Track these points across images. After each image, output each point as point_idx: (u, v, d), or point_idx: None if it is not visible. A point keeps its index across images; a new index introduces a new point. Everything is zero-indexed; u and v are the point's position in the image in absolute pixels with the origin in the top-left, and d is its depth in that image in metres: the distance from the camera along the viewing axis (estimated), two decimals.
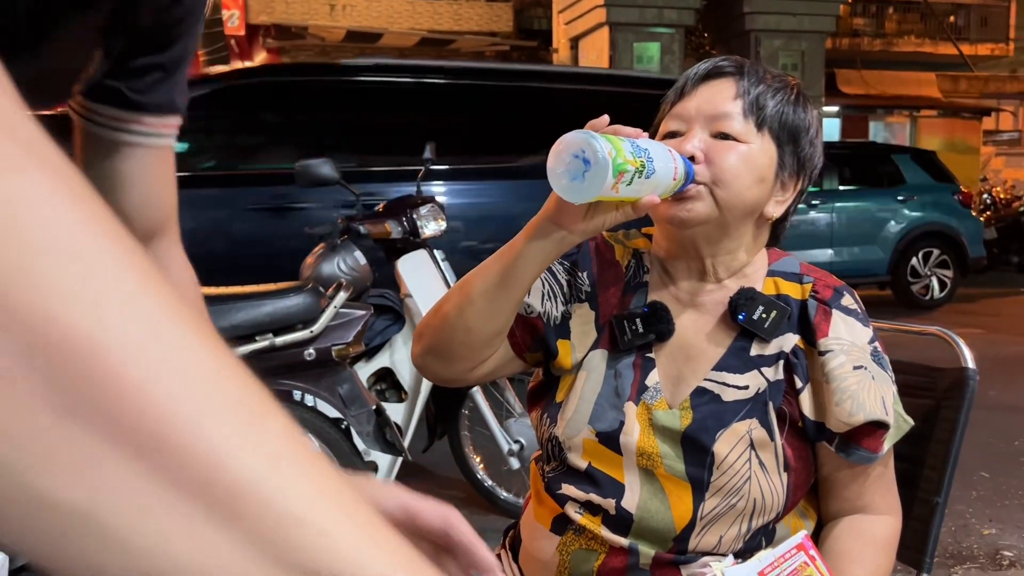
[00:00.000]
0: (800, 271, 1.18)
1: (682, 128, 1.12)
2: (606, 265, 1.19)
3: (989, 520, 3.30)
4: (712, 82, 1.12)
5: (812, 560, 1.00)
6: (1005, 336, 7.23)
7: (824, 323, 1.12)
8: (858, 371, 1.10)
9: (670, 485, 1.10)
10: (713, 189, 1.08)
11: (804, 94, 1.17)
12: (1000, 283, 10.79)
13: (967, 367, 1.29)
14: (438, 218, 3.42)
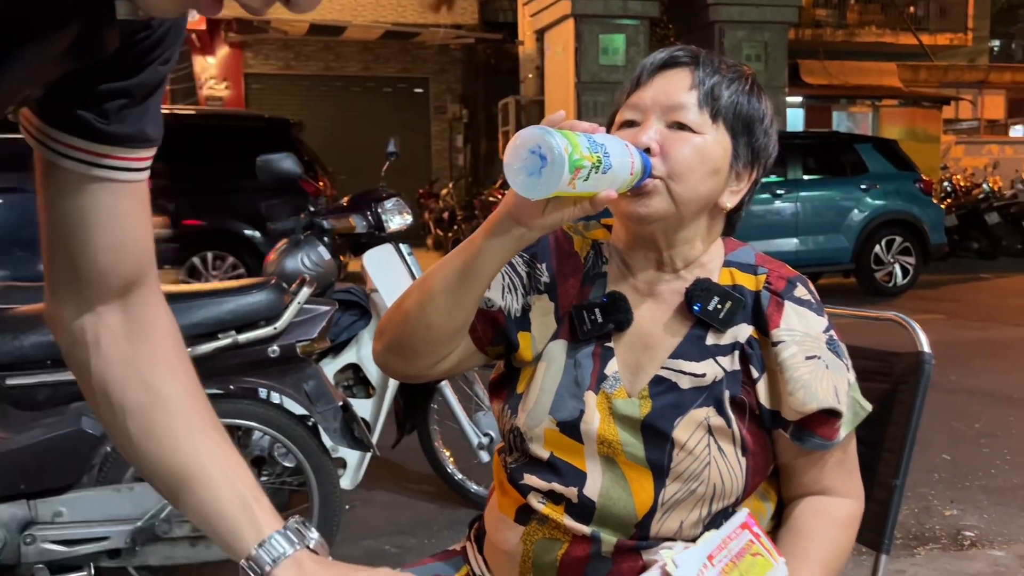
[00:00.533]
0: (755, 262, 1.19)
1: (637, 118, 1.12)
2: (565, 256, 1.20)
3: (951, 501, 3.36)
4: (668, 72, 1.13)
5: (757, 537, 1.01)
6: (965, 321, 7.37)
7: (776, 314, 1.13)
8: (811, 360, 1.12)
9: (631, 472, 1.11)
10: (669, 184, 1.09)
11: (758, 84, 1.18)
12: (960, 269, 10.98)
13: (923, 351, 1.30)
14: (403, 212, 3.40)
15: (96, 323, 0.84)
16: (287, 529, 0.84)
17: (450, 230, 12.90)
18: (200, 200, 7.59)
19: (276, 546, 0.83)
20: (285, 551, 0.83)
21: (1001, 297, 9.06)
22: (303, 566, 0.82)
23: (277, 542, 0.83)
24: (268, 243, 7.38)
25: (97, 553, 2.32)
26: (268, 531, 0.83)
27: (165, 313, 0.89)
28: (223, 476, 0.85)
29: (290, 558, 0.82)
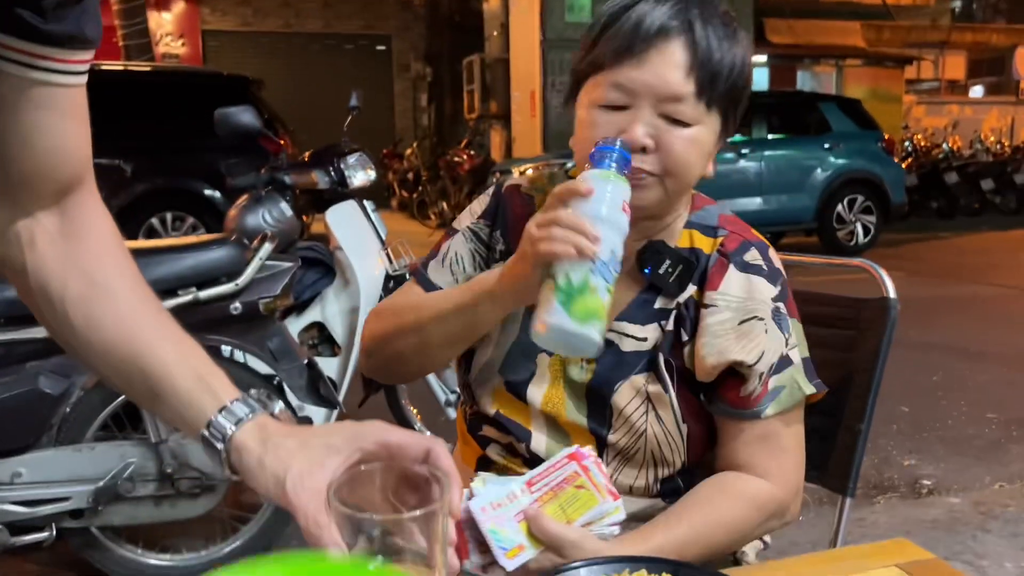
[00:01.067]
0: (717, 223, 1.13)
1: (626, 102, 1.02)
2: (519, 221, 1.14)
3: (909, 452, 3.44)
4: (661, 45, 1.00)
5: (585, 471, 0.96)
6: (925, 278, 7.50)
7: (717, 276, 1.09)
8: (745, 324, 1.07)
9: (574, 433, 1.11)
10: (664, 179, 1.03)
11: (743, 33, 1.07)
12: (920, 228, 11.16)
13: (888, 296, 1.31)
14: (367, 167, 3.34)
15: (32, 225, 0.83)
16: (248, 397, 0.81)
17: (415, 191, 12.78)
18: (158, 159, 7.42)
19: (237, 410, 0.79)
20: (247, 414, 0.79)
21: (958, 255, 9.23)
22: (266, 428, 0.78)
23: (238, 407, 0.79)
24: (228, 203, 7.23)
25: (59, 514, 2.29)
26: (227, 399, 0.80)
27: (103, 215, 0.87)
28: (176, 355, 0.82)
29: (252, 421, 0.79)
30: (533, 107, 12.65)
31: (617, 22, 1.03)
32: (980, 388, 4.39)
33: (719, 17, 1.04)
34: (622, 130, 1.01)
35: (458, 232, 1.21)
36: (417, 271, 1.22)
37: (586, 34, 1.08)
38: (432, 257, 1.22)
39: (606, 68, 1.03)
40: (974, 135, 13.58)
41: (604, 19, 1.05)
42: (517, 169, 8.94)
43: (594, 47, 1.05)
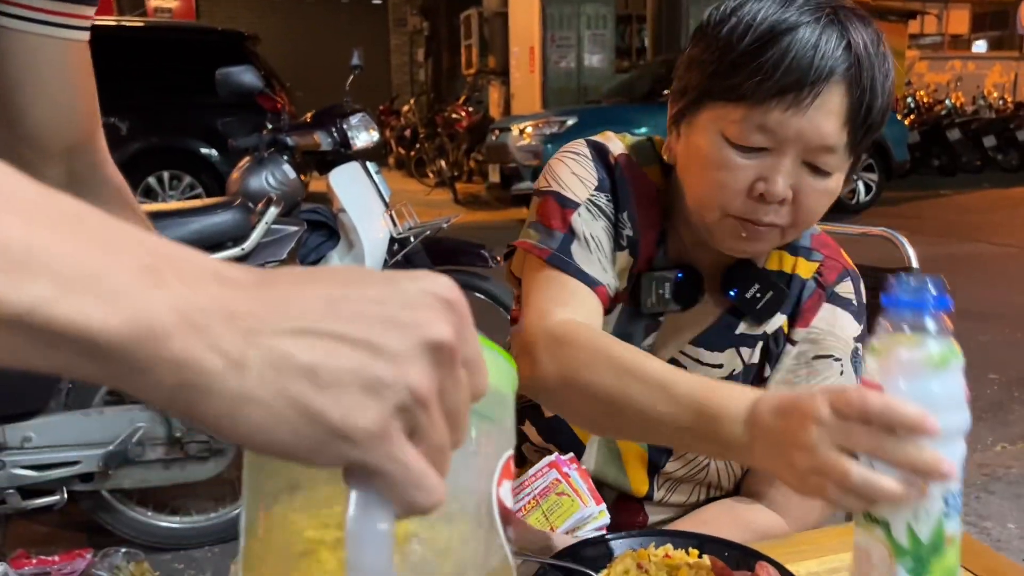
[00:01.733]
0: (811, 244, 1.04)
1: (769, 145, 0.88)
2: (646, 202, 1.02)
3: None
4: (824, 93, 0.86)
5: (566, 477, 0.94)
6: (928, 237, 7.48)
7: (811, 312, 1.02)
8: (817, 361, 1.00)
9: (629, 456, 1.06)
10: (786, 229, 0.93)
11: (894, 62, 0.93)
12: (922, 186, 11.11)
13: (912, 267, 1.30)
14: (369, 128, 3.30)
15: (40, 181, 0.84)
16: None
17: (412, 149, 12.67)
18: (153, 117, 7.33)
19: None
20: None
21: (960, 213, 9.20)
22: None
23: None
24: (226, 162, 7.20)
25: (69, 477, 2.30)
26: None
27: (113, 173, 0.87)
28: None
29: None
30: (532, 62, 12.49)
31: (770, 49, 0.86)
32: (982, 348, 4.40)
33: (875, 41, 0.89)
34: (762, 177, 0.88)
35: (579, 205, 1.00)
36: (559, 260, 0.97)
37: (708, 42, 0.91)
38: (564, 239, 0.98)
39: (750, 102, 0.87)
40: (977, 91, 13.45)
41: (749, 38, 0.87)
42: (517, 127, 8.86)
43: (734, 72, 0.88)
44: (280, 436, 0.34)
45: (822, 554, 0.91)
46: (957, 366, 0.67)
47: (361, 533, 0.36)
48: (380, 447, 0.35)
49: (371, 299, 0.36)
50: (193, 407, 0.34)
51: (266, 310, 0.35)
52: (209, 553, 2.52)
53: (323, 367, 0.34)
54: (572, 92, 12.09)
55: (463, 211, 9.09)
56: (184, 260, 0.35)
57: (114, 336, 0.32)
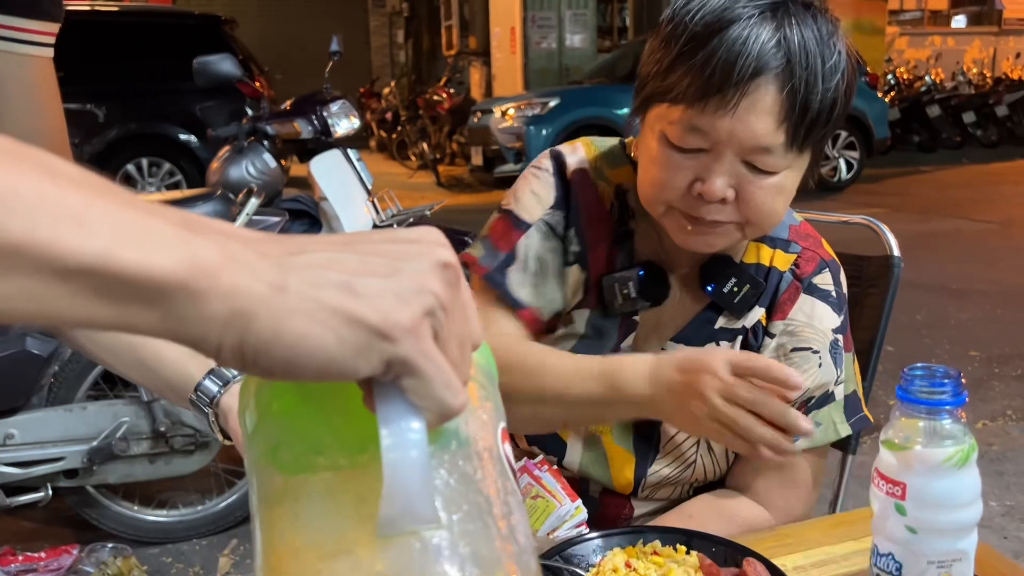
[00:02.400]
0: (788, 236, 1.04)
1: (703, 145, 0.89)
2: (595, 219, 1.04)
3: (893, 391, 3.49)
4: (753, 93, 0.85)
5: (537, 480, 0.95)
6: (908, 215, 7.53)
7: (789, 304, 1.01)
8: (796, 353, 1.00)
9: (614, 453, 1.06)
10: (744, 226, 0.93)
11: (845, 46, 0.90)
12: (902, 163, 11.16)
13: (892, 255, 1.30)
14: (350, 115, 3.27)
15: None
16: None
17: (393, 131, 12.59)
18: (130, 104, 7.24)
19: (225, 372, 0.80)
20: (234, 375, 0.79)
21: (940, 190, 9.26)
22: None
23: (226, 369, 0.80)
24: (206, 148, 7.12)
25: (53, 473, 2.29)
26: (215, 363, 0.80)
27: None
28: None
29: (240, 382, 0.79)
30: (513, 43, 12.41)
31: (700, 50, 0.86)
32: (963, 326, 4.44)
33: (823, 31, 0.87)
34: (699, 177, 0.89)
35: (530, 227, 1.03)
36: (492, 280, 1.02)
37: (659, 39, 0.92)
38: (505, 260, 1.02)
39: (683, 104, 0.88)
40: (956, 67, 13.50)
41: (684, 38, 0.87)
42: (499, 109, 8.81)
43: (670, 73, 0.88)
44: (326, 343, 0.37)
45: (808, 547, 0.92)
46: (974, 461, 0.71)
47: (397, 442, 0.38)
48: (416, 343, 0.38)
49: (379, 239, 0.41)
50: (245, 333, 0.37)
51: (292, 251, 0.39)
52: (197, 546, 2.52)
53: (356, 281, 0.38)
54: (554, 73, 12.03)
55: (446, 195, 9.07)
56: (208, 220, 0.39)
57: (171, 276, 0.35)
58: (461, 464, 0.42)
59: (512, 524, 0.41)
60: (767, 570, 0.80)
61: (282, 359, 0.37)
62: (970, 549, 0.73)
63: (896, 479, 0.72)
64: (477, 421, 0.45)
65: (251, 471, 0.45)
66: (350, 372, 0.38)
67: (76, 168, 0.37)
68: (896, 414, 0.73)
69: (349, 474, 0.41)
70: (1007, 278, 5.39)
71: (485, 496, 0.42)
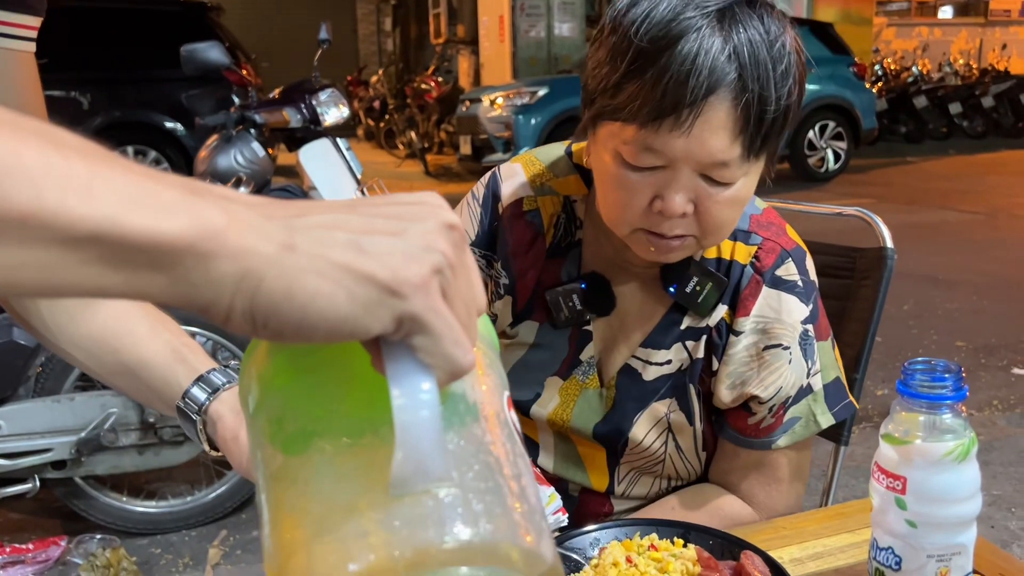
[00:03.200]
0: (749, 227, 1.01)
1: (661, 163, 0.86)
2: (521, 249, 1.05)
3: (882, 381, 3.51)
4: (707, 112, 0.83)
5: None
6: (895, 205, 7.57)
7: (751, 299, 0.99)
8: (767, 352, 0.99)
9: (585, 449, 1.07)
10: (700, 239, 0.92)
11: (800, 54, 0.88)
12: (889, 153, 11.21)
13: (885, 246, 1.30)
14: (339, 104, 3.25)
15: None
16: (227, 367, 0.79)
17: (381, 120, 12.53)
18: (115, 91, 7.17)
19: (214, 380, 0.77)
20: (224, 384, 0.77)
21: (926, 180, 9.30)
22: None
23: (215, 376, 0.77)
24: (192, 136, 7.07)
25: (41, 465, 2.27)
26: (203, 368, 0.78)
27: None
28: (148, 328, 0.79)
29: (230, 391, 0.76)
30: (502, 32, 12.36)
31: (649, 68, 0.82)
32: (949, 316, 4.47)
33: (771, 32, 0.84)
34: (657, 194, 0.88)
35: None
36: None
37: (603, 51, 0.87)
38: None
39: (635, 124, 0.84)
40: (943, 58, 13.55)
41: (631, 54, 0.83)
42: (487, 98, 8.78)
43: (619, 92, 0.85)
44: (337, 301, 0.37)
45: (804, 539, 0.93)
46: (974, 455, 0.71)
47: (409, 401, 0.38)
48: (426, 298, 0.38)
49: (382, 203, 0.41)
50: (256, 294, 0.36)
51: (297, 213, 0.39)
52: (186, 537, 2.51)
53: (365, 240, 0.38)
54: (542, 61, 11.99)
55: (434, 184, 9.04)
56: (212, 186, 0.38)
57: (179, 238, 0.35)
58: (470, 425, 0.42)
59: (522, 485, 0.41)
60: (764, 563, 0.81)
61: (294, 319, 0.37)
62: (969, 543, 0.73)
63: (896, 473, 0.72)
64: (482, 388, 0.45)
65: (256, 449, 0.45)
66: (361, 330, 0.38)
67: (78, 138, 0.36)
68: (896, 408, 0.73)
69: (355, 448, 0.41)
70: (993, 269, 5.43)
71: (495, 457, 0.41)
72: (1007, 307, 4.62)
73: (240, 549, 2.43)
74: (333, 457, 0.41)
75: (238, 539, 2.48)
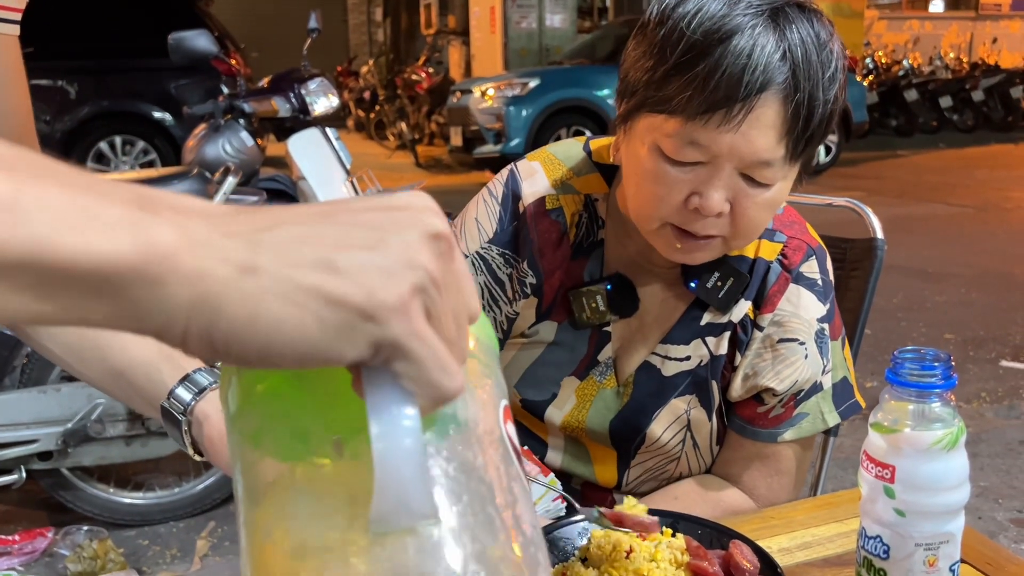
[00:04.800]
0: (773, 225, 1.00)
1: (703, 159, 0.85)
2: (548, 248, 1.02)
3: (871, 374, 3.52)
4: (756, 108, 0.82)
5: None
6: (885, 198, 7.59)
7: (778, 296, 0.99)
8: (783, 345, 0.98)
9: (595, 451, 1.06)
10: (728, 240, 0.91)
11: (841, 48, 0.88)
12: (880, 146, 11.23)
13: (876, 237, 1.30)
14: (328, 93, 3.23)
15: None
16: (212, 366, 0.76)
17: (372, 110, 12.48)
18: (103, 81, 7.11)
19: (200, 380, 0.74)
20: (211, 383, 0.74)
21: (917, 174, 9.33)
22: None
23: (201, 376, 0.74)
24: (180, 126, 7.02)
25: (27, 456, 2.25)
26: (190, 367, 0.75)
27: None
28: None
29: (215, 390, 0.74)
30: (493, 23, 12.31)
31: (701, 62, 0.81)
32: (938, 309, 4.49)
33: (820, 37, 0.84)
34: (695, 191, 0.86)
35: (466, 258, 1.03)
36: None
37: (648, 44, 0.86)
38: None
39: (682, 117, 0.84)
40: (934, 51, 13.57)
41: (682, 48, 0.83)
42: (479, 89, 8.75)
43: (665, 84, 0.84)
44: (305, 327, 0.33)
45: (793, 529, 0.92)
46: (962, 444, 0.71)
47: (387, 430, 0.34)
48: (406, 323, 0.34)
49: (361, 208, 0.37)
50: (214, 320, 0.33)
51: (263, 226, 0.35)
52: (174, 528, 2.50)
53: (337, 257, 0.34)
54: (534, 53, 11.96)
55: (425, 175, 9.00)
56: (167, 196, 0.34)
57: (123, 262, 0.31)
58: (460, 451, 0.39)
59: (517, 514, 0.39)
60: (753, 552, 0.80)
61: (257, 347, 0.33)
62: (957, 531, 0.73)
63: (885, 462, 0.72)
64: (476, 402, 0.41)
65: (234, 457, 0.41)
66: (334, 358, 0.34)
67: (8, 148, 0.32)
68: (885, 396, 0.73)
69: (340, 465, 0.38)
70: (982, 262, 5.45)
71: (487, 484, 0.38)
72: (996, 300, 4.64)
73: (228, 540, 2.42)
74: (314, 479, 0.38)
75: (226, 530, 2.47)
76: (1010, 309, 4.45)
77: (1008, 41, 15.70)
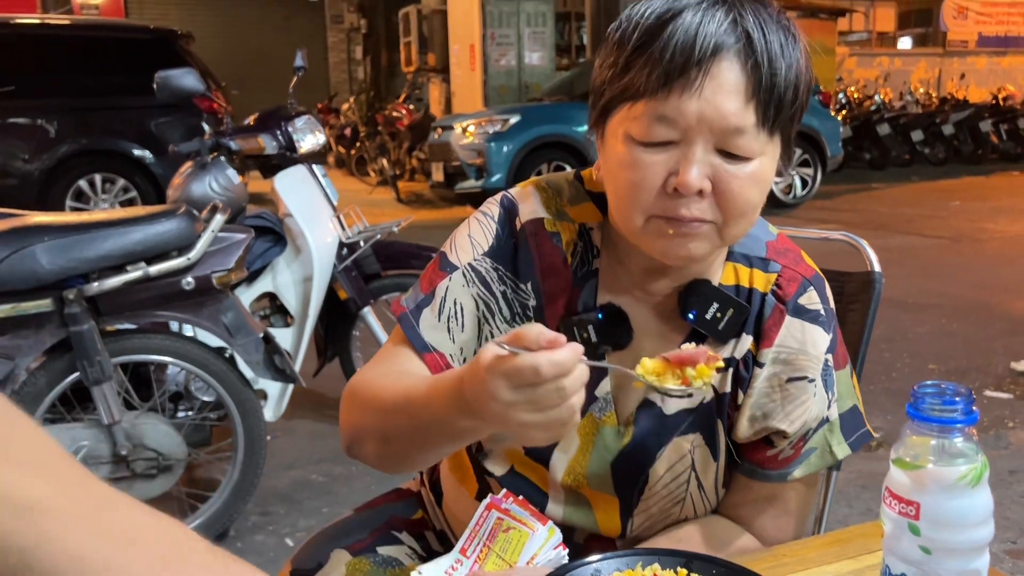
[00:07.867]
0: (766, 255, 0.99)
1: (673, 137, 0.85)
2: (551, 271, 1.00)
3: None
4: (715, 71, 0.83)
5: (506, 513, 0.93)
6: (862, 230, 7.64)
7: (774, 330, 0.96)
8: (792, 384, 0.96)
9: (597, 500, 1.03)
10: (721, 227, 0.89)
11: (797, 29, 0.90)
12: (854, 179, 11.40)
13: (873, 271, 1.31)
14: (315, 131, 3.24)
15: None
16: None
17: (352, 147, 12.51)
18: (82, 119, 7.08)
19: None
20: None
21: (892, 206, 9.47)
22: None
23: None
24: (161, 164, 7.00)
25: None
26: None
27: None
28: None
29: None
30: (472, 60, 12.44)
31: (656, 39, 0.84)
32: (920, 339, 4.53)
33: (774, 17, 0.87)
34: (672, 172, 0.86)
35: (457, 269, 1.00)
36: (406, 320, 1.00)
37: (609, 47, 0.90)
38: (422, 301, 1.00)
39: (646, 97, 0.85)
40: (904, 87, 13.86)
41: (637, 33, 0.86)
42: (459, 125, 8.81)
43: (627, 70, 0.86)
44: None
45: (806, 567, 0.91)
46: (986, 479, 0.70)
47: None
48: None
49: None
50: None
51: None
52: None
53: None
54: (513, 90, 12.07)
55: (407, 211, 9.01)
56: None
57: None
58: None
59: None
60: None
61: None
62: (983, 568, 0.73)
63: (909, 499, 0.71)
64: None
65: None
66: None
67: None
68: (907, 432, 0.73)
69: None
70: (960, 292, 5.52)
71: None
72: (976, 330, 4.68)
73: None
74: None
75: None
76: (990, 339, 4.49)
77: (975, 76, 16.06)
